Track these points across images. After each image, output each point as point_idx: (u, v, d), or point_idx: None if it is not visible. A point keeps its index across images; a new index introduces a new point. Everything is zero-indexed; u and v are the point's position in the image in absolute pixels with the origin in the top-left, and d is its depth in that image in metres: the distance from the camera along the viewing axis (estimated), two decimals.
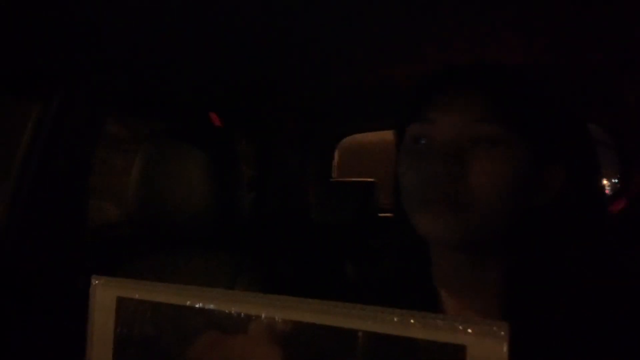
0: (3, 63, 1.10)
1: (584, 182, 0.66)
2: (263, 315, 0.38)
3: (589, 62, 1.37)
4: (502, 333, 0.33)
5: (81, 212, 1.33)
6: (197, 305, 0.40)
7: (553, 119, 0.62)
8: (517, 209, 0.59)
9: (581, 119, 0.67)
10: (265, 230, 1.99)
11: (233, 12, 1.01)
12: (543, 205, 0.60)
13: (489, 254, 0.61)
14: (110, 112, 1.44)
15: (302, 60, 1.38)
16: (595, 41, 1.20)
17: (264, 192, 2.23)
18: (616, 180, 2.17)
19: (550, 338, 0.55)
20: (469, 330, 0.33)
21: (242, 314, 0.39)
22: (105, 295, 0.42)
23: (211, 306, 0.39)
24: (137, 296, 0.41)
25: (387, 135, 0.72)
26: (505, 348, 0.32)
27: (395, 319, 0.35)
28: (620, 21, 1.06)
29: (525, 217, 0.60)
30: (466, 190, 0.56)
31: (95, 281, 0.43)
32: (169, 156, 1.06)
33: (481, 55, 1.25)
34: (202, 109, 1.81)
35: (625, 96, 1.57)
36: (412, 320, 0.34)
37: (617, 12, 1.02)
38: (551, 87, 0.65)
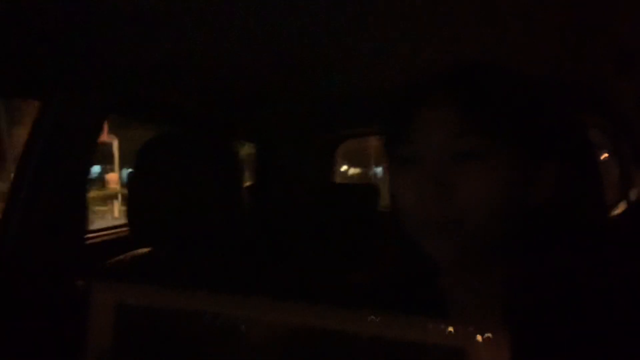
0: (3, 64, 1.11)
1: (582, 181, 0.66)
2: (264, 319, 0.38)
3: (589, 64, 1.37)
4: (502, 337, 0.33)
5: (81, 212, 1.33)
6: (197, 309, 0.39)
7: (536, 118, 0.61)
8: (512, 214, 0.58)
9: (569, 114, 0.66)
10: (265, 233, 1.99)
11: (233, 14, 1.01)
12: (540, 205, 0.60)
13: (490, 260, 0.61)
14: (110, 113, 1.44)
15: (303, 63, 1.38)
16: (595, 42, 1.20)
17: (265, 195, 2.23)
18: (616, 184, 2.17)
19: (551, 342, 0.55)
20: (470, 336, 0.33)
21: (242, 317, 0.38)
22: (104, 299, 0.42)
23: (211, 310, 0.39)
24: (136, 300, 0.41)
25: None
26: (505, 352, 0.32)
27: (396, 323, 0.35)
28: (620, 21, 1.07)
29: (523, 218, 0.59)
30: (456, 210, 0.56)
31: (94, 285, 0.43)
32: (168, 158, 1.05)
33: (481, 57, 1.25)
34: (202, 111, 1.81)
35: (625, 99, 1.57)
36: (413, 325, 0.34)
37: (617, 11, 1.02)
38: (533, 84, 0.64)
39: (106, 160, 10.04)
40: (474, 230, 0.56)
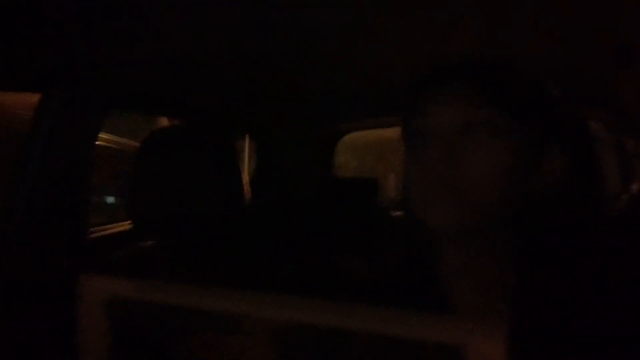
0: (3, 61, 1.10)
1: (584, 172, 0.67)
2: (260, 315, 0.38)
3: (589, 61, 1.37)
4: (500, 332, 0.32)
5: (81, 211, 1.33)
6: (192, 304, 0.39)
7: (547, 104, 0.64)
8: (517, 195, 0.59)
9: (578, 108, 0.69)
10: (265, 229, 1.99)
11: (233, 10, 1.01)
12: (544, 192, 0.61)
13: (493, 244, 0.61)
14: (110, 110, 1.43)
15: (302, 58, 1.38)
16: (595, 39, 1.20)
17: (265, 191, 2.23)
18: (616, 179, 2.16)
19: (552, 333, 0.55)
20: (467, 330, 0.33)
21: (239, 313, 0.38)
22: (94, 294, 0.41)
23: (206, 305, 0.39)
24: (127, 295, 0.40)
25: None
26: (503, 347, 0.32)
27: (394, 318, 0.35)
28: (620, 19, 1.06)
29: (527, 203, 0.60)
30: (463, 177, 0.57)
31: (83, 280, 0.42)
32: (169, 152, 1.06)
33: (481, 52, 1.24)
34: (201, 108, 1.81)
35: (626, 94, 1.57)
36: (410, 320, 0.34)
37: (617, 9, 1.02)
38: (543, 78, 0.66)
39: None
40: (479, 202, 0.57)
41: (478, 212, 0.58)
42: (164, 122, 2.29)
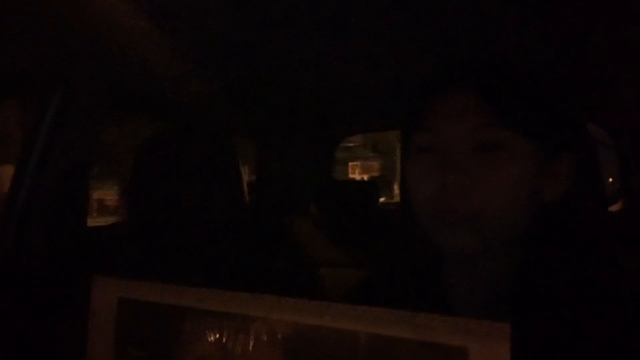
0: (3, 62, 1.10)
1: (586, 179, 0.66)
2: (264, 316, 0.38)
3: (589, 62, 1.37)
4: (504, 334, 0.32)
5: (81, 211, 1.33)
6: (198, 306, 0.40)
7: (554, 112, 0.62)
8: (530, 207, 0.59)
9: (576, 111, 0.69)
10: (265, 231, 1.99)
11: (234, 11, 1.01)
12: (555, 199, 0.60)
13: (503, 256, 0.61)
14: (110, 111, 1.43)
15: (303, 59, 1.38)
16: (595, 40, 1.20)
17: (265, 192, 2.23)
18: (615, 181, 2.16)
19: (553, 339, 0.55)
20: (471, 332, 0.33)
21: (244, 314, 0.39)
22: (106, 295, 0.42)
23: (212, 307, 0.39)
24: (138, 297, 0.41)
25: None
26: (506, 349, 0.32)
27: (398, 321, 0.35)
28: (620, 20, 1.07)
29: (539, 213, 0.60)
30: (477, 200, 0.55)
31: (96, 281, 0.43)
32: (169, 155, 1.06)
33: (480, 53, 1.24)
34: (201, 109, 1.81)
35: (625, 96, 1.57)
36: (414, 322, 0.34)
37: (617, 10, 1.02)
38: (546, 80, 0.65)
39: None
40: (494, 222, 0.56)
41: (493, 232, 0.56)
42: None
